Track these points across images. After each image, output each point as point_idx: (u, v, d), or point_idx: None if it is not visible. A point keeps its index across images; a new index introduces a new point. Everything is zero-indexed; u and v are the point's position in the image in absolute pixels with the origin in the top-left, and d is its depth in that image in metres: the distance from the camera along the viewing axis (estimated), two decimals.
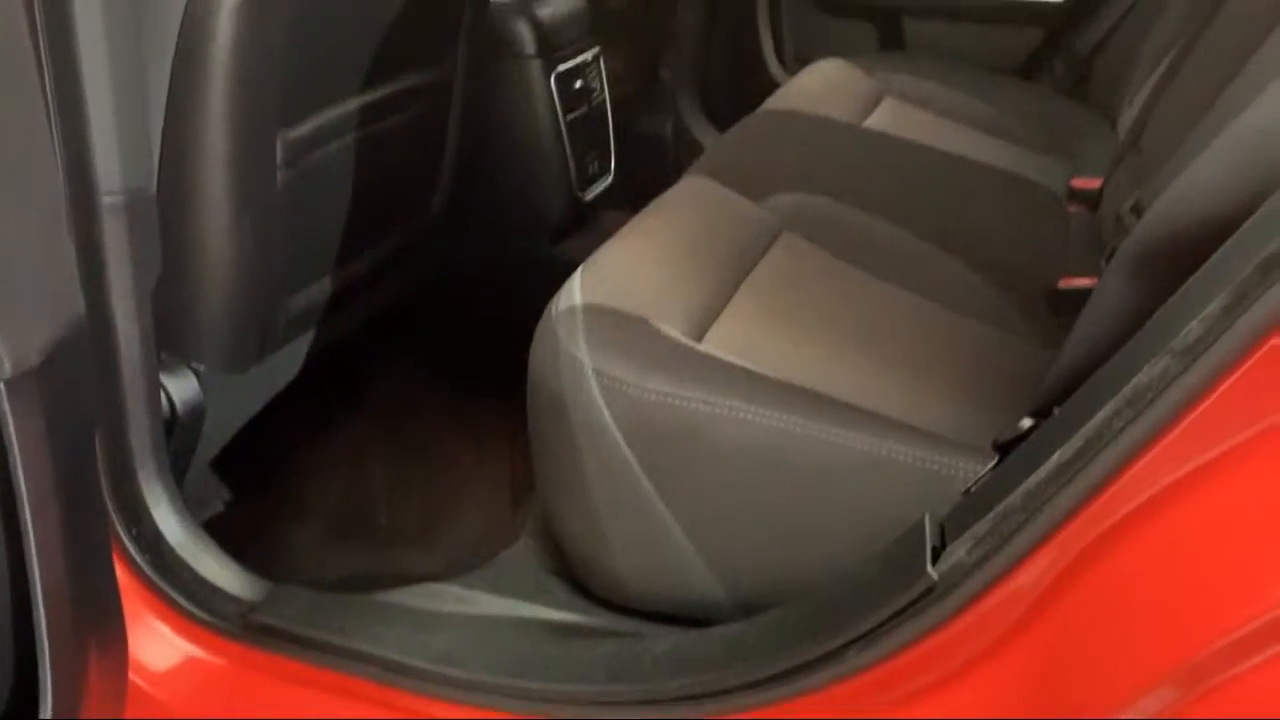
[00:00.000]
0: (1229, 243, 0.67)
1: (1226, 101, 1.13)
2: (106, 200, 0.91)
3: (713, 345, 1.05)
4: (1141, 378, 0.66)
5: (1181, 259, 0.73)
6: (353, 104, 1.25)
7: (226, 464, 1.28)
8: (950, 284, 1.27)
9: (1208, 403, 0.64)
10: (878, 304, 1.21)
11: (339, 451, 1.49)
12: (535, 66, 1.61)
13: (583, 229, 1.76)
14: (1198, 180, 0.79)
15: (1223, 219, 0.71)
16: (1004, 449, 0.84)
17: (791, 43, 2.37)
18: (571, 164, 1.68)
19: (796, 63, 2.30)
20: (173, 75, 1.01)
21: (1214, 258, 0.67)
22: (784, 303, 1.18)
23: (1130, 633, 0.65)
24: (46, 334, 0.67)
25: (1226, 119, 0.88)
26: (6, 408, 0.65)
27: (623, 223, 1.26)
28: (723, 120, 2.32)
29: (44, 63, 0.86)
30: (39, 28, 0.85)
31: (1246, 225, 0.66)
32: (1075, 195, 1.58)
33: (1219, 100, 1.16)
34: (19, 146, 0.72)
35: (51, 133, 0.84)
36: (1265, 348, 0.62)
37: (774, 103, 1.77)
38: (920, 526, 0.80)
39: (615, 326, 1.02)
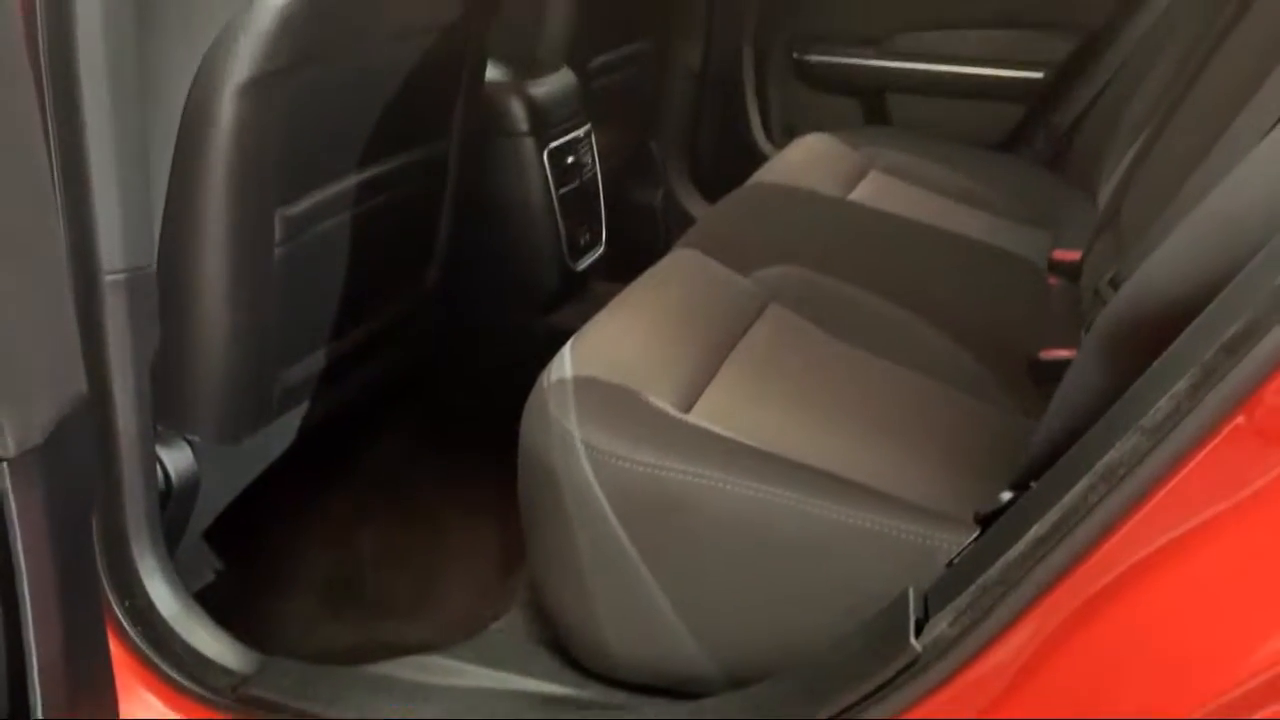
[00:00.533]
0: (1195, 323, 0.69)
1: (1200, 178, 1.17)
2: (108, 278, 0.93)
3: (700, 416, 1.07)
4: (1114, 454, 0.68)
5: (1152, 337, 0.76)
6: (350, 181, 1.28)
7: (219, 534, 1.29)
8: (934, 355, 1.29)
9: (1177, 479, 0.66)
10: (863, 375, 1.23)
11: (331, 522, 1.50)
12: (528, 144, 1.65)
13: (574, 299, 1.79)
14: (1166, 261, 0.81)
15: (1190, 299, 0.74)
16: (985, 521, 0.86)
17: (778, 117, 2.43)
18: (563, 236, 1.72)
19: (783, 136, 2.37)
20: (175, 156, 1.04)
21: (1181, 338, 0.70)
22: (770, 374, 1.20)
23: (1107, 705, 0.66)
24: (50, 413, 0.69)
25: (1198, 197, 0.91)
26: (8, 485, 0.66)
27: (614, 292, 1.28)
28: (712, 190, 2.37)
29: (52, 146, 0.89)
30: (49, 113, 0.88)
31: (1211, 307, 0.69)
32: (1056, 267, 1.61)
33: (1193, 176, 1.20)
34: (28, 229, 0.74)
35: (58, 214, 0.87)
36: (1230, 426, 0.64)
37: (761, 176, 1.81)
38: (904, 599, 0.81)
39: (605, 398, 1.04)
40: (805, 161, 1.89)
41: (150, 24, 1.00)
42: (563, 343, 1.12)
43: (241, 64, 1.02)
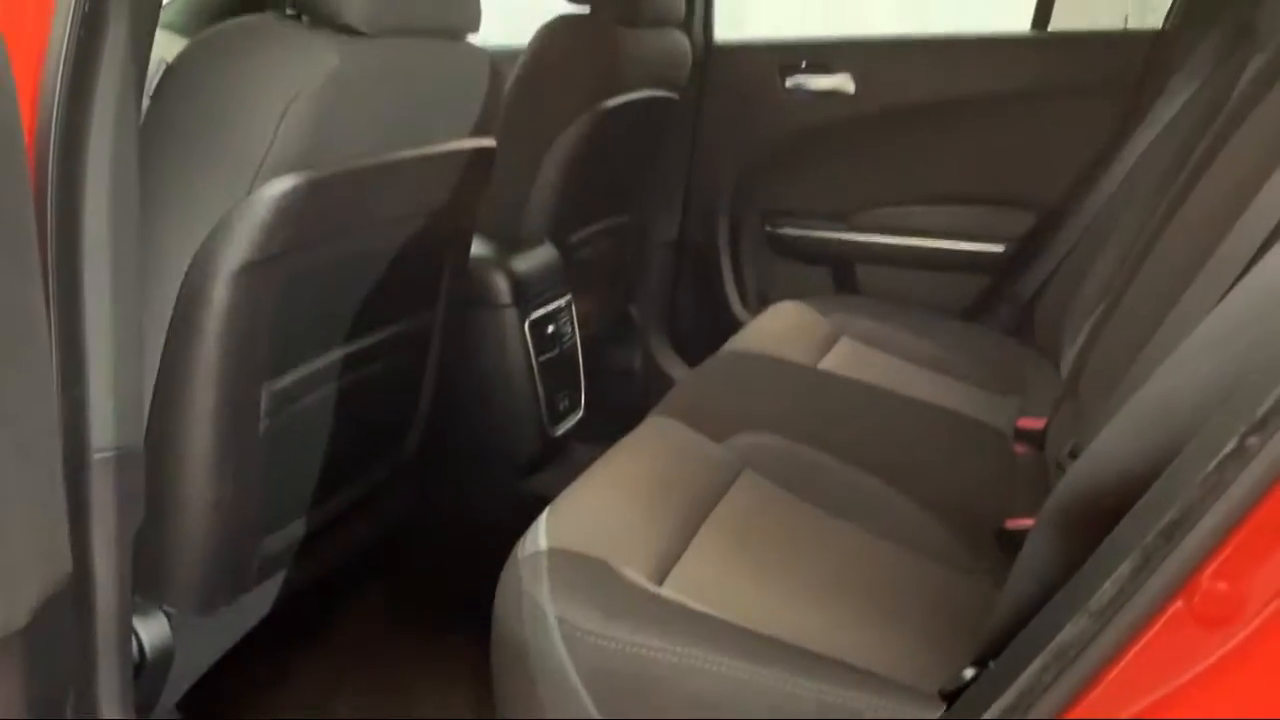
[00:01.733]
0: (1134, 509, 0.73)
1: (1149, 355, 1.22)
2: (97, 456, 0.95)
3: (674, 589, 1.08)
4: (1064, 635, 0.71)
5: (1100, 517, 0.79)
6: (336, 354, 1.33)
7: (192, 703, 1.27)
8: (905, 523, 1.32)
9: (1125, 661, 0.68)
10: (835, 544, 1.25)
11: (304, 690, 1.49)
12: (510, 314, 1.71)
13: (553, 463, 1.82)
14: (1110, 443, 0.85)
15: (1133, 482, 0.77)
16: (950, 698, 0.87)
17: (752, 284, 2.52)
18: (543, 403, 1.76)
19: (757, 303, 2.45)
20: (168, 335, 1.08)
21: (1123, 522, 0.73)
22: (743, 543, 1.22)
23: None
24: (35, 596, 0.70)
25: (1146, 375, 0.95)
26: None
27: (592, 455, 1.32)
28: (690, 353, 2.44)
29: (52, 326, 0.92)
30: (50, 293, 0.92)
31: (1148, 493, 0.72)
32: (1021, 435, 1.65)
33: (1143, 352, 1.25)
34: (26, 411, 0.77)
35: (55, 395, 0.90)
36: (1171, 611, 0.67)
37: (736, 343, 1.87)
38: None
39: (578, 571, 1.06)
40: (778, 328, 1.95)
41: (153, 211, 1.06)
42: (540, 508, 1.15)
43: (238, 251, 1.07)
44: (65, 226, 0.92)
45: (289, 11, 1.16)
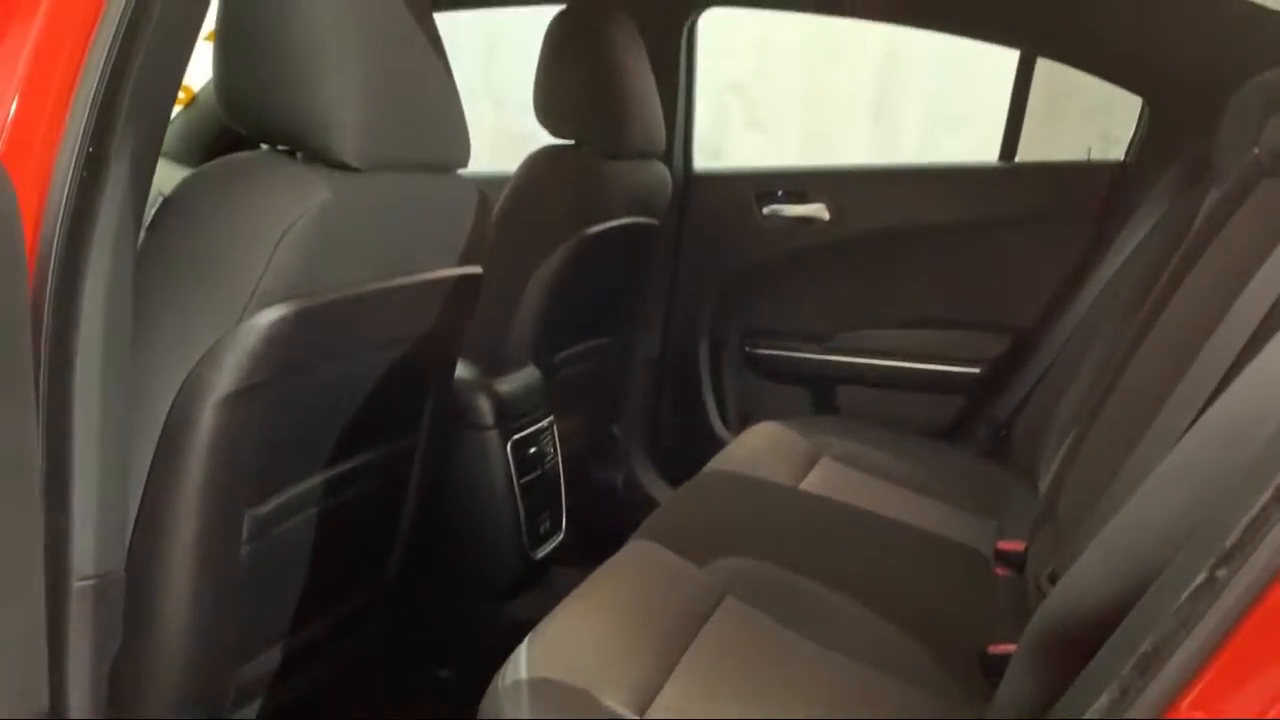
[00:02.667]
0: (1109, 641, 0.74)
1: (1122, 481, 1.24)
2: (78, 584, 0.95)
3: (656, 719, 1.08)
4: None
5: (1081, 646, 0.80)
6: (319, 478, 1.33)
7: None
8: (886, 649, 1.32)
9: None
10: (816, 670, 1.25)
11: None
12: (493, 436, 1.72)
13: (534, 586, 1.80)
14: (1085, 574, 0.87)
15: (1110, 612, 0.78)
16: None
17: (733, 404, 2.55)
18: (524, 525, 1.76)
19: (739, 422, 2.47)
20: (153, 461, 1.09)
21: (1099, 654, 0.74)
22: (725, 672, 1.21)
23: None
24: None
25: (1121, 500, 0.97)
26: None
27: (574, 577, 1.31)
28: (672, 472, 2.45)
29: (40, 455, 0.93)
30: (40, 421, 0.93)
31: (1124, 624, 0.73)
32: (1001, 557, 1.66)
33: (1117, 477, 1.27)
34: (12, 540, 0.78)
35: (40, 524, 0.90)
36: None
37: (718, 464, 1.88)
38: None
39: (560, 702, 1.05)
40: (759, 449, 1.97)
41: (145, 338, 1.07)
42: (521, 632, 1.14)
43: (226, 378, 1.08)
44: (59, 358, 0.94)
45: (281, 147, 1.20)
